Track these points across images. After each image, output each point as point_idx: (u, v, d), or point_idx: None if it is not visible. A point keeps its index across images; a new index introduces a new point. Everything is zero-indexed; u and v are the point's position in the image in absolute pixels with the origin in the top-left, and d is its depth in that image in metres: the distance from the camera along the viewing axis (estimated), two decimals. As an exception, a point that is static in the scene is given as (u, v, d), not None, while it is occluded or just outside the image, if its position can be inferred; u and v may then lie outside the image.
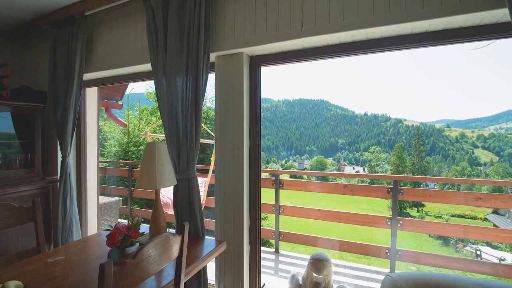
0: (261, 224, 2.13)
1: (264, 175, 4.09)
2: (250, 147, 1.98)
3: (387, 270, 3.15)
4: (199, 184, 3.44)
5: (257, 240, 1.98)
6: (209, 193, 3.75)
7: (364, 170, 63.66)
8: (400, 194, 3.11)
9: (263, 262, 3.25)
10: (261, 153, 2.09)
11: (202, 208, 3.33)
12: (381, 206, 31.74)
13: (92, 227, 2.75)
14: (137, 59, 2.21)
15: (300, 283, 1.96)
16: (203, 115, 7.23)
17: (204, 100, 7.60)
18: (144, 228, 1.69)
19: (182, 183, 1.85)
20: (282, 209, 3.66)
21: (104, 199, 3.21)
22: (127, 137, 6.33)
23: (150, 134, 3.24)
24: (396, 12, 1.44)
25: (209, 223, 4.01)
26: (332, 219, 3.40)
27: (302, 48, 1.78)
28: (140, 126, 6.76)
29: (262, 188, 2.13)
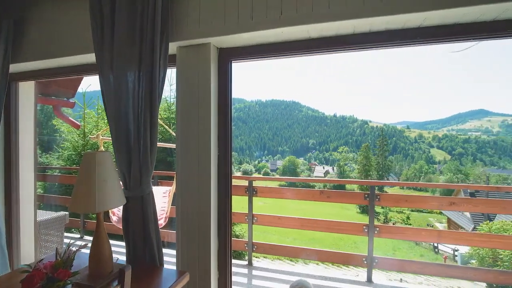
0: (232, 238, 1.84)
1: (236, 181, 3.80)
2: (219, 156, 1.69)
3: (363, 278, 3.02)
4: (163, 194, 3.07)
5: (227, 266, 1.69)
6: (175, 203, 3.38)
7: (333, 169, 65.76)
8: (377, 200, 3.00)
9: (233, 278, 2.97)
10: (232, 160, 1.81)
11: (166, 222, 2.98)
12: (351, 206, 32.90)
13: (28, 254, 2.27)
14: (79, 48, 1.82)
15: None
16: (170, 115, 6.77)
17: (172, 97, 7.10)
18: (84, 258, 1.33)
19: (133, 202, 1.50)
20: (255, 218, 3.40)
21: (45, 215, 2.71)
22: (82, 139, 5.68)
23: (103, 137, 2.80)
24: (390, 2, 1.23)
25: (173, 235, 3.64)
26: (308, 227, 3.21)
27: (280, 40, 1.52)
28: (99, 127, 6.14)
29: (233, 196, 1.85)
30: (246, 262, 3.39)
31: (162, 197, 2.99)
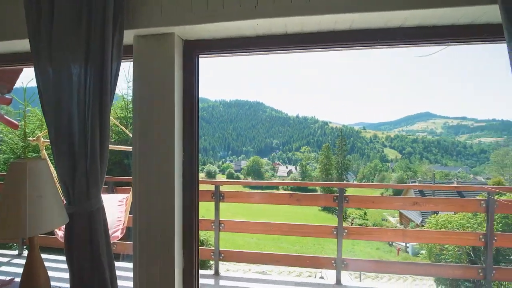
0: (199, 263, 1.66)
1: (202, 186, 3.56)
2: (184, 160, 1.50)
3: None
4: (119, 202, 2.75)
5: (194, 284, 1.50)
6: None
7: (296, 169, 67.56)
8: (346, 202, 3.01)
9: (201, 291, 2.76)
10: (199, 167, 1.62)
11: (123, 233, 2.67)
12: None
13: None
14: (11, 32, 1.49)
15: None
16: (128, 114, 6.27)
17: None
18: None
19: (79, 219, 1.25)
20: (222, 224, 3.22)
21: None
22: (23, 141, 4.96)
23: (45, 140, 2.41)
24: (372, -3, 1.16)
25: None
26: (277, 232, 3.12)
27: (255, 34, 1.38)
28: (44, 127, 5.44)
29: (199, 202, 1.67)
30: (212, 272, 3.20)
31: (118, 206, 2.67)
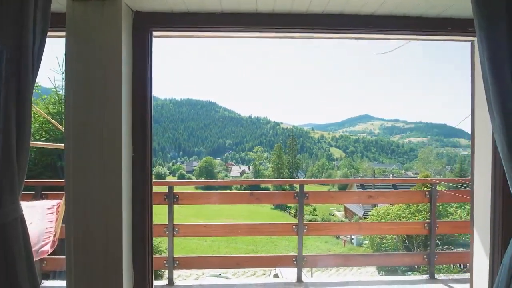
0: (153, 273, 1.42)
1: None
2: (135, 158, 1.25)
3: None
4: (48, 211, 2.31)
5: (148, 305, 1.27)
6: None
7: (249, 168, 68.15)
8: (306, 198, 3.00)
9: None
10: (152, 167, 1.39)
11: (54, 246, 2.24)
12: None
13: None
14: None
15: None
16: (62, 109, 5.49)
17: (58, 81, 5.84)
18: None
19: (-14, 236, 0.94)
20: (177, 229, 2.95)
21: None
22: None
23: None
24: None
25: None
26: (238, 233, 2.98)
27: (220, 11, 1.21)
28: None
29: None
30: (165, 282, 2.90)
31: (47, 215, 2.24)
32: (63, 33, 1.18)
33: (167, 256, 2.93)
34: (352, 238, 20.82)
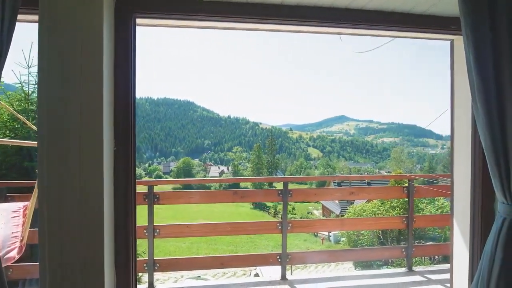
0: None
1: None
2: (117, 153, 1.17)
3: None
4: (13, 214, 2.12)
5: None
6: (35, 224, 2.40)
7: (228, 169, 67.73)
8: (290, 195, 3.00)
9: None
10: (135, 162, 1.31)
11: (21, 252, 2.06)
12: (245, 202, 34.59)
13: None
14: None
15: None
16: (28, 106, 5.16)
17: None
18: None
19: None
20: (157, 230, 2.83)
21: None
22: None
23: None
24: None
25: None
26: (222, 233, 2.92)
27: (209, -3, 1.16)
28: None
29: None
30: (145, 286, 2.78)
31: (12, 218, 2.06)
32: (35, 17, 1.07)
33: (146, 258, 2.81)
34: (330, 236, 21.32)
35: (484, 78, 1.08)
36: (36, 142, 2.60)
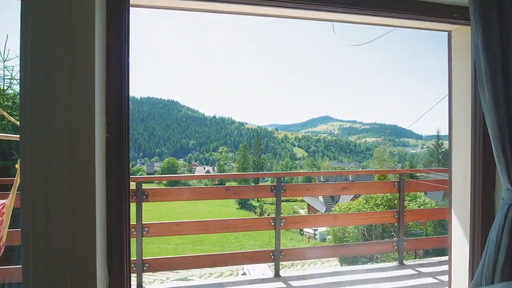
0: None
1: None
2: (110, 145, 1.08)
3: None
4: (-9, 212, 1.95)
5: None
6: (14, 224, 2.22)
7: (213, 169, 67.24)
8: (283, 191, 2.96)
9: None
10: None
11: (1, 252, 1.90)
12: (230, 201, 34.40)
13: None
14: None
15: None
16: (3, 102, 4.84)
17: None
18: None
19: None
20: (146, 229, 2.71)
21: None
22: None
23: None
24: None
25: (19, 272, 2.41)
26: (212, 230, 2.83)
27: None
28: None
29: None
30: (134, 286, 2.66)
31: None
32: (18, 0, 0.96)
33: (134, 258, 2.68)
34: (316, 234, 21.56)
35: (492, 64, 1.07)
36: (14, 136, 2.42)
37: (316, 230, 20.74)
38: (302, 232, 23.17)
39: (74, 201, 1.00)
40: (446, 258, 3.65)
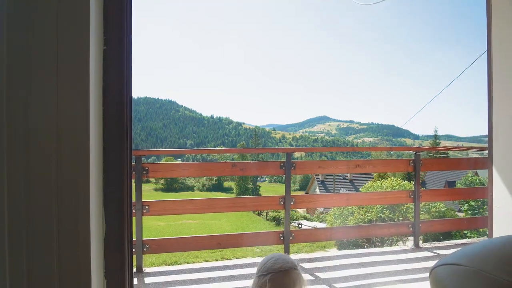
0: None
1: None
2: (107, 114, 0.89)
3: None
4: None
5: None
6: None
7: (211, 169, 67.18)
8: (293, 168, 2.77)
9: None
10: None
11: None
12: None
13: None
14: None
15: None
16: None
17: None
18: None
19: None
20: (146, 207, 2.50)
21: None
22: None
23: None
24: None
25: None
26: (219, 209, 2.63)
27: None
28: None
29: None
30: (133, 270, 2.45)
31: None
32: None
33: (134, 239, 2.47)
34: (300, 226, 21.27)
35: None
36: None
37: (300, 224, 20.48)
38: (300, 226, 22.97)
39: (62, 181, 0.80)
40: (465, 241, 3.48)
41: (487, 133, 1.66)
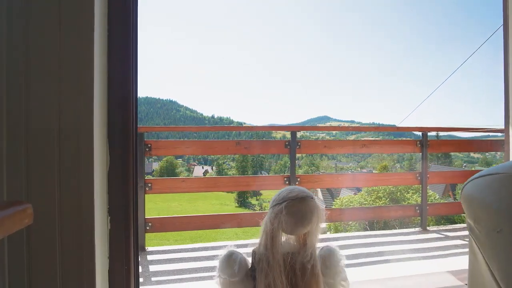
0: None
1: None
2: (112, 95, 0.86)
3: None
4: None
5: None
6: None
7: (212, 168, 66.87)
8: (298, 147, 2.72)
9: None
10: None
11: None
12: (228, 199, 34.08)
13: None
14: None
15: (249, 265, 0.98)
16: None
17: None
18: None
19: None
20: (149, 184, 2.45)
21: None
22: None
23: None
24: None
25: None
26: (222, 188, 2.56)
27: None
28: None
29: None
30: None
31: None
32: None
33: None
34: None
35: None
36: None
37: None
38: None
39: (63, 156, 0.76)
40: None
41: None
